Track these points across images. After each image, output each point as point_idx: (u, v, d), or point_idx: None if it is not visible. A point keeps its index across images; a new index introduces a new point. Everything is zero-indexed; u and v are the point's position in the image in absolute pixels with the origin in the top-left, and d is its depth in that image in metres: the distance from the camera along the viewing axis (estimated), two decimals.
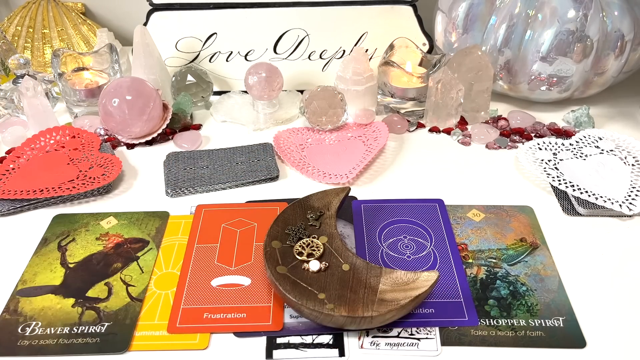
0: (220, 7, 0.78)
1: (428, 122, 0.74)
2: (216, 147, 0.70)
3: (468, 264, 0.53)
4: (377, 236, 0.56)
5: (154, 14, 0.78)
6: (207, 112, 0.78)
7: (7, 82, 0.79)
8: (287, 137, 0.71)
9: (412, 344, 0.45)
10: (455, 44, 0.77)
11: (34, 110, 0.71)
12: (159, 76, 0.76)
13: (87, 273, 0.52)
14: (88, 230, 0.58)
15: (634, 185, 0.60)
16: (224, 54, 0.80)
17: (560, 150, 0.66)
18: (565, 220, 0.58)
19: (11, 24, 0.89)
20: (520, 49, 0.70)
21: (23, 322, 0.48)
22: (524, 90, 0.74)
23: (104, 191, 0.63)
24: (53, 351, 0.45)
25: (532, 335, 0.46)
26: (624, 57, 0.70)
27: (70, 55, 0.77)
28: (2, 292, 0.51)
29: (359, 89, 0.74)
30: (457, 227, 0.57)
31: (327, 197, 0.57)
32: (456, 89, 0.69)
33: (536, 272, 0.51)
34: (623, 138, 0.68)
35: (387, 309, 0.45)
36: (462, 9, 0.74)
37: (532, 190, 0.62)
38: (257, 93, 0.73)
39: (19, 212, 0.61)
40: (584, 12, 0.67)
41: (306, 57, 0.80)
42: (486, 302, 0.49)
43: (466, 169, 0.66)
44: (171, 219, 0.59)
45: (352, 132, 0.72)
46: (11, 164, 0.66)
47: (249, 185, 0.64)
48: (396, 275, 0.48)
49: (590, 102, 0.76)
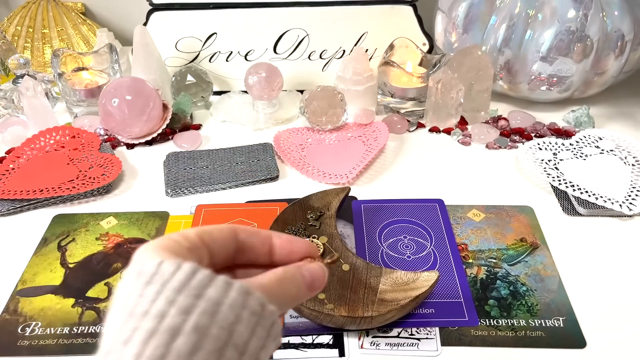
0: (220, 7, 0.78)
1: (428, 122, 0.74)
2: (216, 147, 0.70)
3: (468, 264, 0.53)
4: (377, 236, 0.56)
5: (154, 14, 0.78)
6: (207, 112, 0.78)
7: (7, 82, 0.79)
8: (287, 137, 0.71)
9: (412, 344, 0.45)
10: (455, 44, 0.77)
11: (33, 110, 0.71)
12: (159, 76, 0.76)
13: (87, 273, 0.52)
14: (88, 230, 0.57)
15: (634, 185, 0.60)
16: (224, 54, 0.80)
17: (561, 150, 0.66)
18: (565, 220, 0.58)
19: (11, 24, 0.89)
20: (520, 49, 0.70)
21: (23, 322, 0.48)
22: (524, 90, 0.74)
23: (104, 191, 0.63)
24: (53, 351, 0.45)
25: (532, 336, 0.46)
26: (624, 57, 0.70)
27: (70, 55, 0.77)
28: (2, 292, 0.51)
29: (359, 89, 0.74)
30: (457, 227, 0.57)
31: (327, 197, 0.57)
32: (456, 89, 0.69)
33: (536, 272, 0.51)
34: (623, 138, 0.68)
35: (387, 309, 0.45)
36: (462, 9, 0.74)
37: (532, 190, 0.62)
38: (257, 93, 0.73)
39: (19, 212, 0.60)
40: (584, 12, 0.67)
41: (306, 57, 0.80)
42: (486, 302, 0.49)
43: (466, 169, 0.66)
44: (171, 219, 0.59)
45: (352, 132, 0.72)
46: (11, 164, 0.66)
47: (249, 185, 0.64)
48: (396, 276, 0.48)
49: (590, 102, 0.76)
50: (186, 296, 0.26)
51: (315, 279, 0.32)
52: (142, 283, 0.27)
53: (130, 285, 0.27)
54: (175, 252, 0.29)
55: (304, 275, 0.32)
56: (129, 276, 0.28)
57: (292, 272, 0.32)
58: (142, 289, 0.26)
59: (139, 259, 0.29)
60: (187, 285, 0.26)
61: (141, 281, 0.27)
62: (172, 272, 0.27)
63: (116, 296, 0.27)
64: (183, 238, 0.30)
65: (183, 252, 0.29)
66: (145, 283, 0.26)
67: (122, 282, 0.28)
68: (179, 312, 0.25)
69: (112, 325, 0.26)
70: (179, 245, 0.29)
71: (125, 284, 0.28)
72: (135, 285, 0.27)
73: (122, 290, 0.27)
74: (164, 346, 0.24)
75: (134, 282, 0.27)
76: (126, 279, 0.28)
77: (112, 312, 0.27)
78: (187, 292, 0.26)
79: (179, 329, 0.25)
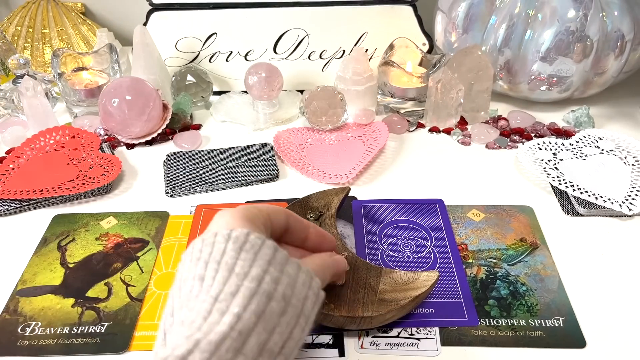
0: (220, 7, 0.78)
1: (428, 122, 0.74)
2: (216, 147, 0.70)
3: (468, 264, 0.53)
4: (377, 236, 0.56)
5: (154, 14, 0.78)
6: (207, 112, 0.78)
7: (7, 82, 0.79)
8: (287, 137, 0.71)
9: (412, 344, 0.45)
10: (455, 44, 0.77)
11: (33, 110, 0.71)
12: (158, 76, 0.76)
13: (87, 273, 0.52)
14: (88, 230, 0.57)
15: (634, 185, 0.60)
16: (224, 54, 0.80)
17: (560, 150, 0.66)
18: (565, 220, 0.58)
19: (11, 24, 0.89)
20: (520, 49, 0.70)
21: (23, 322, 0.48)
22: (524, 90, 0.74)
23: (103, 191, 0.63)
24: (53, 351, 0.45)
25: (532, 335, 0.46)
26: (624, 57, 0.70)
27: (70, 55, 0.77)
28: (2, 292, 0.51)
29: (359, 89, 0.74)
30: (457, 227, 0.57)
31: (327, 197, 0.57)
32: (456, 89, 0.69)
33: (536, 272, 0.51)
34: (623, 138, 0.68)
35: (387, 309, 0.45)
36: (462, 9, 0.74)
37: (532, 190, 0.62)
38: (257, 93, 0.73)
39: (18, 212, 0.60)
40: (584, 12, 0.67)
41: (306, 57, 0.80)
42: (486, 302, 0.49)
43: (466, 169, 0.66)
44: (171, 219, 0.59)
45: (352, 132, 0.72)
46: (11, 164, 0.66)
47: (248, 185, 0.64)
48: (396, 275, 0.48)
49: (590, 102, 0.76)
50: (275, 269, 0.33)
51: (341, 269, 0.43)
52: (236, 247, 0.33)
53: (222, 245, 0.33)
54: (255, 225, 0.35)
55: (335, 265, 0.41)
56: (218, 237, 0.34)
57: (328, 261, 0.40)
58: (237, 252, 0.33)
59: (222, 223, 0.35)
60: (274, 259, 0.33)
61: (235, 245, 0.33)
62: (260, 245, 0.33)
63: (202, 248, 0.34)
64: (259, 212, 0.37)
65: (259, 226, 0.36)
66: (239, 248, 0.33)
67: (208, 239, 0.34)
68: (271, 280, 0.32)
69: (209, 274, 0.32)
70: (257, 219, 0.36)
71: (213, 241, 0.34)
72: (229, 247, 0.33)
73: (210, 245, 0.33)
74: (263, 304, 0.31)
75: (225, 243, 0.33)
76: (213, 238, 0.34)
77: (202, 260, 0.33)
78: (275, 266, 0.33)
79: (272, 295, 0.32)
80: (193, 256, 0.34)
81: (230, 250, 0.32)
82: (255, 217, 0.36)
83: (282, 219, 0.40)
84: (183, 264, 0.35)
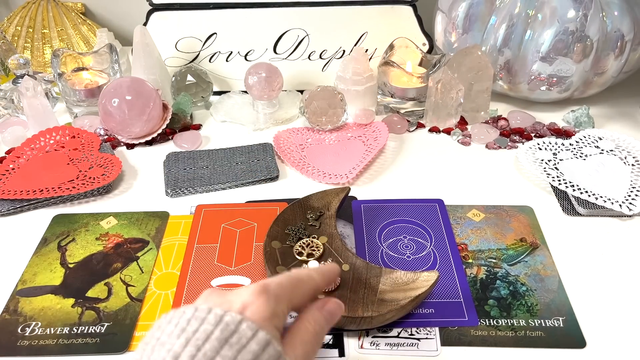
0: (220, 7, 0.78)
1: (428, 122, 0.74)
2: (216, 147, 0.70)
3: (468, 264, 0.53)
4: (377, 236, 0.56)
5: (154, 14, 0.78)
6: (207, 112, 0.78)
7: (7, 82, 0.79)
8: (287, 137, 0.71)
9: (412, 344, 0.45)
10: (455, 44, 0.77)
11: (33, 110, 0.71)
12: (158, 76, 0.76)
13: (87, 273, 0.52)
14: (88, 230, 0.57)
15: (634, 185, 0.60)
16: (224, 54, 0.80)
17: (560, 150, 0.66)
18: (565, 220, 0.58)
19: (11, 24, 0.89)
20: (520, 49, 0.70)
21: (23, 322, 0.48)
22: (524, 90, 0.74)
23: (104, 191, 0.63)
24: (53, 351, 0.45)
25: (532, 336, 0.46)
26: (623, 57, 0.70)
27: (70, 55, 0.77)
28: (2, 292, 0.51)
29: (359, 89, 0.74)
30: (457, 227, 0.57)
31: (327, 197, 0.57)
32: (456, 89, 0.69)
33: (536, 272, 0.51)
34: (623, 138, 0.68)
35: (387, 309, 0.45)
36: (462, 9, 0.74)
37: (532, 190, 0.62)
38: (257, 93, 0.73)
39: (19, 212, 0.60)
40: (584, 12, 0.67)
41: (306, 57, 0.80)
42: (486, 302, 0.49)
43: (466, 169, 0.66)
44: (171, 219, 0.59)
45: (352, 132, 0.72)
46: (11, 164, 0.66)
47: (248, 185, 0.64)
48: (396, 275, 0.48)
49: (590, 102, 0.76)
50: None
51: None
52: (222, 337, 0.30)
53: (209, 328, 0.31)
54: (277, 328, 0.33)
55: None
56: (210, 315, 0.31)
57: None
58: (220, 344, 0.30)
59: (236, 300, 0.33)
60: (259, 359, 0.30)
61: (222, 335, 0.31)
62: (248, 339, 0.31)
63: (191, 319, 0.31)
64: (284, 315, 0.34)
65: (280, 328, 0.34)
66: (224, 339, 0.30)
67: (201, 313, 0.32)
68: None
69: (184, 357, 0.29)
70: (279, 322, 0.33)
71: (204, 318, 0.31)
72: (215, 334, 0.31)
73: (199, 321, 0.31)
74: None
75: (214, 327, 0.31)
76: (206, 314, 0.32)
77: (184, 336, 0.30)
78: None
79: None
80: (179, 324, 0.31)
81: (214, 340, 0.30)
82: (279, 322, 0.34)
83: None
84: (168, 323, 0.32)
